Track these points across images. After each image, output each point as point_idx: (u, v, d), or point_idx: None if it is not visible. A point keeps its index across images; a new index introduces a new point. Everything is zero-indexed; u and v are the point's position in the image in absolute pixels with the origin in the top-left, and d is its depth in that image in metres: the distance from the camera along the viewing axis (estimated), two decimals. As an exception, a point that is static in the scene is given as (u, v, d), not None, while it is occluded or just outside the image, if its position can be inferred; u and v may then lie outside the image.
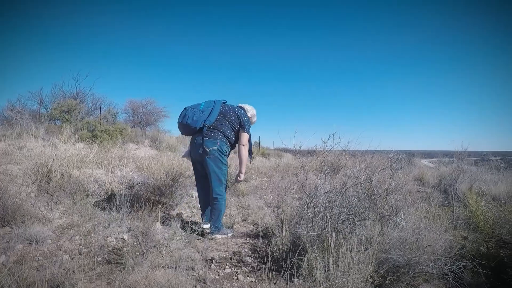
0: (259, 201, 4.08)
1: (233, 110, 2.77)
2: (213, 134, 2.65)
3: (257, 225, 3.05)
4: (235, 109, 2.79)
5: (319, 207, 1.85)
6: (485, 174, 6.36)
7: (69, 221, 2.66)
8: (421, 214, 2.18)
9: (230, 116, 2.72)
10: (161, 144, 11.87)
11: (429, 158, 17.14)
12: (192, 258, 2.13)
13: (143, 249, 2.06)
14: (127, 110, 18.11)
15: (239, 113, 2.76)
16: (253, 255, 2.29)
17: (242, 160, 2.70)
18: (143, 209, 2.81)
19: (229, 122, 2.71)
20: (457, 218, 3.04)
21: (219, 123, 2.70)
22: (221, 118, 2.72)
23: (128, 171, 4.39)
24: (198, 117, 2.64)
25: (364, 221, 1.87)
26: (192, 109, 2.71)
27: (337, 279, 1.50)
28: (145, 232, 2.15)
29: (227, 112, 2.74)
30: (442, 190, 5.61)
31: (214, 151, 2.61)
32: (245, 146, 2.70)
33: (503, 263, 1.93)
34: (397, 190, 2.34)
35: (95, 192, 3.33)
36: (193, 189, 4.46)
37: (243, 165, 2.70)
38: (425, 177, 7.17)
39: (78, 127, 9.37)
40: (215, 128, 2.68)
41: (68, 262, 1.97)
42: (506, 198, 3.77)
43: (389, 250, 1.73)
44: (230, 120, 2.71)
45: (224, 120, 2.71)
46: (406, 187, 2.66)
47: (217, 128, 2.68)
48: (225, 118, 2.72)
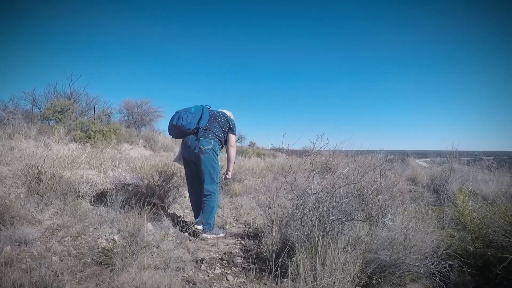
0: (252, 202, 4.09)
1: (221, 114, 2.99)
2: (207, 134, 2.81)
3: (249, 225, 3.06)
4: (222, 113, 3.01)
5: (308, 208, 1.86)
6: (477, 174, 6.44)
7: (59, 222, 2.64)
8: (409, 214, 2.21)
9: (220, 119, 2.94)
10: (155, 145, 11.82)
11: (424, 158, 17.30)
12: (182, 259, 2.13)
13: (133, 250, 2.05)
14: (122, 110, 17.99)
15: (227, 117, 3.00)
16: (244, 255, 2.29)
17: (230, 159, 2.96)
18: (134, 210, 2.81)
19: (219, 124, 2.91)
20: (446, 217, 3.08)
21: (211, 125, 2.88)
22: (213, 120, 2.91)
23: (120, 172, 4.37)
24: (191, 119, 2.80)
25: (352, 222, 1.89)
26: (184, 112, 2.85)
27: (324, 279, 1.51)
28: (135, 233, 2.15)
29: (217, 115, 2.95)
30: (434, 190, 5.68)
31: (209, 150, 2.76)
32: (234, 147, 2.98)
33: (489, 262, 1.96)
34: (387, 191, 2.36)
35: (87, 193, 3.30)
36: (186, 190, 4.46)
37: (231, 164, 2.96)
38: (418, 177, 7.23)
39: (72, 128, 9.30)
40: (208, 129, 2.85)
41: (57, 263, 1.96)
42: (494, 197, 3.83)
43: (376, 250, 1.75)
44: (221, 123, 2.92)
45: (216, 123, 2.90)
46: (397, 187, 2.69)
47: (210, 129, 2.85)
48: (216, 120, 2.92)
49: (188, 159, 2.88)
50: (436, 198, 5.17)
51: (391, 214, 2.11)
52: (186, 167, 2.98)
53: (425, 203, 3.79)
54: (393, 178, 3.01)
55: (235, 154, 3.02)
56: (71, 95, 13.56)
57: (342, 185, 1.92)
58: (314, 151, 2.01)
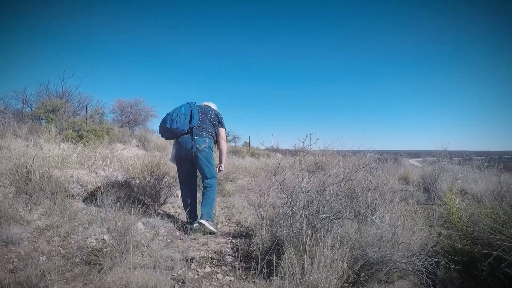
0: (245, 201, 4.09)
1: (209, 109, 3.06)
2: (201, 133, 2.89)
3: (241, 224, 3.06)
4: (210, 108, 3.09)
5: (297, 206, 1.87)
6: (468, 173, 6.53)
7: (49, 222, 2.61)
8: (398, 212, 2.23)
9: (210, 115, 3.01)
10: (149, 144, 11.75)
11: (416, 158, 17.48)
12: (172, 258, 2.13)
13: (122, 250, 2.04)
14: (115, 109, 17.83)
15: (216, 112, 3.09)
16: (234, 254, 2.29)
17: (223, 152, 3.07)
18: (124, 210, 2.79)
19: (210, 121, 2.99)
20: (435, 215, 3.12)
21: (203, 123, 2.94)
22: (203, 117, 2.97)
23: (112, 171, 4.34)
24: (184, 121, 2.85)
25: (341, 220, 1.90)
26: (176, 114, 2.87)
27: (312, 276, 1.52)
28: (124, 233, 2.13)
29: (206, 112, 3.02)
30: (424, 189, 5.74)
31: (205, 148, 2.87)
32: (225, 140, 3.09)
33: (475, 258, 1.99)
34: (376, 189, 2.38)
35: (77, 192, 3.27)
36: (178, 189, 4.44)
37: (223, 156, 3.07)
38: (410, 176, 7.30)
39: (63, 127, 9.19)
40: (201, 127, 2.92)
41: (45, 263, 1.94)
42: (482, 196, 3.88)
43: (364, 247, 1.77)
44: (211, 119, 3.00)
45: (206, 119, 2.97)
46: (387, 186, 2.71)
47: (202, 127, 2.92)
48: (206, 117, 2.98)
49: (185, 158, 2.94)
50: (427, 196, 5.23)
51: (380, 212, 2.13)
52: (180, 166, 3.02)
53: (415, 202, 3.84)
54: (384, 177, 3.04)
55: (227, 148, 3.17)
56: (63, 94, 13.38)
57: (331, 184, 1.94)
58: (303, 150, 2.02)
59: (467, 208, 2.42)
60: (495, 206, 2.28)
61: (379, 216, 1.98)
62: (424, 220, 2.38)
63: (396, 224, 2.04)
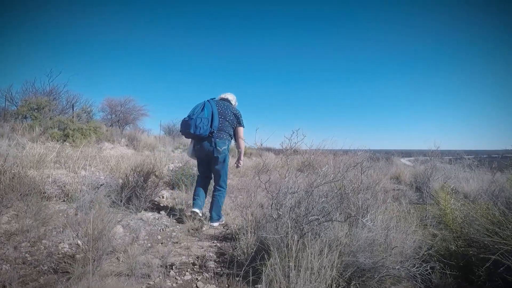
0: (235, 202, 3.95)
1: (229, 110, 3.11)
2: (221, 135, 3.01)
3: (228, 226, 2.91)
4: (229, 108, 3.13)
5: (283, 208, 1.74)
6: (459, 172, 6.51)
7: (19, 226, 2.43)
8: (391, 213, 2.12)
9: (229, 117, 3.09)
10: (138, 143, 11.52)
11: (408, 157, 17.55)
12: (150, 264, 1.98)
13: (94, 256, 1.88)
14: (105, 108, 17.46)
15: (235, 112, 3.14)
16: (218, 259, 2.15)
17: (242, 150, 3.20)
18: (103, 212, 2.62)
19: (229, 123, 3.09)
20: (428, 216, 3.03)
21: (223, 125, 3.04)
22: (223, 120, 3.05)
23: (94, 171, 4.15)
24: (207, 126, 2.93)
25: (331, 222, 1.78)
26: (200, 120, 2.93)
27: (298, 285, 1.39)
28: (98, 237, 1.97)
29: (226, 113, 3.08)
30: (417, 188, 5.69)
31: (225, 150, 3.02)
32: (243, 138, 3.18)
33: (471, 262, 1.89)
34: (368, 189, 2.27)
35: (54, 194, 3.09)
36: (163, 190, 4.27)
37: (242, 153, 3.21)
38: (402, 176, 7.26)
39: (48, 126, 8.90)
40: (221, 129, 3.03)
41: (7, 272, 1.77)
42: (475, 196, 3.82)
43: (355, 252, 1.65)
44: (230, 120, 3.09)
45: (226, 122, 3.06)
46: (379, 186, 2.61)
47: (222, 129, 3.03)
48: (226, 119, 3.06)
49: (204, 159, 3.10)
50: (419, 196, 5.17)
51: (372, 214, 2.02)
52: (200, 164, 3.21)
53: (408, 202, 3.76)
54: (376, 176, 2.93)
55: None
56: (50, 92, 13.03)
57: (320, 184, 1.81)
58: (290, 148, 1.89)
59: (461, 209, 2.32)
60: (491, 206, 2.19)
61: (371, 219, 1.86)
62: (417, 221, 2.28)
63: (389, 226, 1.93)
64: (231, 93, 3.34)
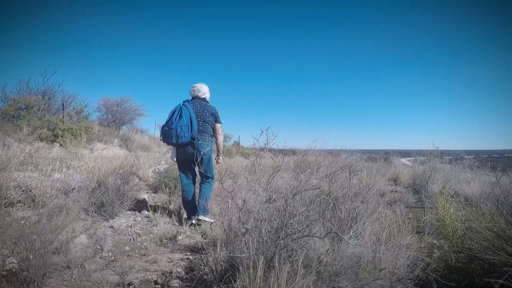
0: (221, 206, 3.68)
1: (207, 111, 3.12)
2: (203, 137, 3.05)
3: (206, 235, 2.65)
4: (206, 108, 3.13)
5: (251, 223, 1.48)
6: (459, 173, 6.25)
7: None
8: (383, 223, 1.86)
9: (208, 118, 3.12)
10: (131, 144, 11.27)
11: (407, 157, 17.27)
12: (107, 282, 1.72)
13: (35, 274, 1.62)
14: (101, 108, 17.19)
15: (212, 111, 3.17)
16: (185, 276, 1.89)
17: (220, 146, 3.33)
18: (65, 220, 2.38)
19: (208, 123, 3.12)
20: (426, 223, 2.77)
21: (203, 127, 3.08)
22: (202, 122, 3.08)
23: (72, 173, 3.89)
24: (188, 133, 2.95)
25: (311, 237, 1.52)
26: (180, 128, 2.92)
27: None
28: (43, 252, 1.72)
29: (204, 115, 3.09)
30: (415, 191, 5.42)
31: (209, 151, 3.09)
32: (221, 134, 3.32)
33: (474, 284, 1.63)
34: (358, 195, 2.00)
35: (17, 199, 2.83)
36: (146, 193, 4.02)
37: (221, 150, 3.34)
38: (401, 177, 7.01)
39: (37, 126, 8.64)
40: (202, 132, 3.06)
41: None
42: (478, 200, 3.56)
43: (337, 273, 1.39)
44: (209, 121, 3.13)
45: (206, 123, 3.10)
46: (372, 191, 2.35)
47: (203, 131, 3.07)
48: (205, 121, 3.09)
49: (189, 160, 3.04)
50: (417, 199, 4.91)
51: (361, 225, 1.76)
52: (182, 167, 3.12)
53: (404, 206, 3.50)
54: (368, 180, 2.66)
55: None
56: (45, 92, 12.75)
57: (297, 192, 1.55)
58: (259, 149, 1.63)
59: (462, 218, 2.06)
60: (496, 215, 1.93)
61: (358, 231, 1.61)
62: (413, 232, 2.02)
63: (380, 239, 1.67)
64: (202, 83, 3.29)
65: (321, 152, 6.05)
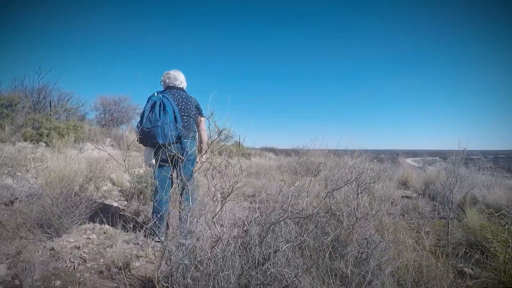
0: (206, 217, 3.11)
1: (190, 104, 2.78)
2: (187, 133, 2.72)
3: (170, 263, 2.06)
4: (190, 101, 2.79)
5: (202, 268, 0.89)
6: (476, 175, 5.64)
7: None
8: (405, 265, 1.26)
9: (192, 112, 2.78)
10: (125, 143, 10.77)
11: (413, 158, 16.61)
12: None
13: None
14: (98, 107, 16.74)
15: (196, 104, 2.85)
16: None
17: (204, 142, 2.93)
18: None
19: (193, 118, 2.80)
20: (451, 241, 2.17)
21: (188, 123, 2.74)
22: (187, 117, 2.74)
23: (29, 179, 3.33)
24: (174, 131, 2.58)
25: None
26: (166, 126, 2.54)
27: None
28: None
29: (188, 108, 2.75)
30: (430, 197, 4.82)
31: (195, 151, 2.79)
32: (205, 130, 2.92)
33: None
34: (367, 219, 1.40)
35: None
36: (113, 201, 3.44)
37: (205, 146, 2.92)
38: (411, 180, 6.39)
39: (20, 124, 8.14)
40: (188, 128, 2.74)
41: None
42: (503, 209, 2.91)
43: None
44: (194, 115, 2.80)
45: (191, 118, 2.77)
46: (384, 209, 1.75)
47: (189, 128, 2.75)
48: (190, 116, 2.76)
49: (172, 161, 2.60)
50: (432, 207, 4.30)
51: (373, 265, 1.16)
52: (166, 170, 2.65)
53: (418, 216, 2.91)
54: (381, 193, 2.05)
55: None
56: (40, 90, 12.29)
57: (276, 222, 0.95)
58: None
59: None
60: None
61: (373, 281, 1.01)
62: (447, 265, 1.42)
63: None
64: (177, 70, 2.87)
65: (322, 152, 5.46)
